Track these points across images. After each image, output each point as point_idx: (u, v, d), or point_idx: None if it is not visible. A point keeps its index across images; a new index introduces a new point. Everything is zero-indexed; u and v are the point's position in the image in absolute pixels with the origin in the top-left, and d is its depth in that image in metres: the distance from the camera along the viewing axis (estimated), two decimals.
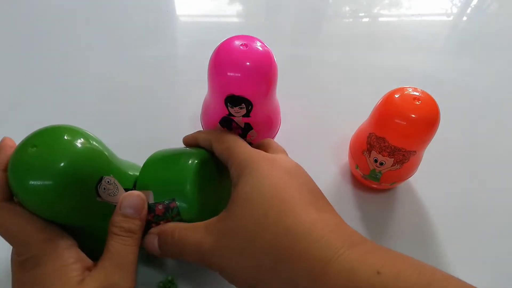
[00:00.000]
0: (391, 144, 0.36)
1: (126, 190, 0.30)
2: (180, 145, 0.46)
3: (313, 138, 0.47)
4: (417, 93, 0.35)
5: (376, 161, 0.38)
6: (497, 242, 0.40)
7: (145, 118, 0.48)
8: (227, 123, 0.38)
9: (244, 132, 0.39)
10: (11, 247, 0.27)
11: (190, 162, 0.30)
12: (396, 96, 0.35)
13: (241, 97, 0.34)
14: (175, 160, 0.32)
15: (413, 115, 0.34)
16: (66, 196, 0.26)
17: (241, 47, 0.34)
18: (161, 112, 0.49)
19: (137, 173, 0.32)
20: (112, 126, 0.48)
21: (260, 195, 0.25)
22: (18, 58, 0.55)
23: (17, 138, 0.28)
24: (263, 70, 0.34)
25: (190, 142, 0.35)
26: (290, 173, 0.27)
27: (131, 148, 0.45)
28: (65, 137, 0.27)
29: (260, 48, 0.34)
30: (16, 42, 0.56)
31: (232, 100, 0.35)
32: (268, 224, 0.24)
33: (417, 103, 0.34)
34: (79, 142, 0.27)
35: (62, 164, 0.25)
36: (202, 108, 0.42)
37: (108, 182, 0.28)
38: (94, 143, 0.28)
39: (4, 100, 0.49)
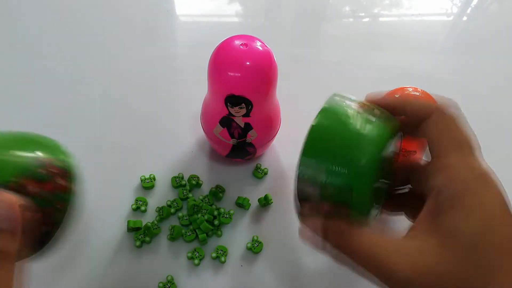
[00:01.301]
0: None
1: (4, 185, 0.22)
2: (178, 144, 0.46)
3: None
4: (417, 93, 0.35)
5: None
6: None
7: (145, 118, 0.48)
8: (227, 123, 0.38)
9: (244, 132, 0.38)
10: None
11: (380, 140, 0.23)
12: (396, 96, 0.35)
13: (241, 97, 0.34)
14: (360, 134, 0.23)
15: None
16: None
17: (241, 47, 0.34)
18: (161, 112, 0.49)
19: (27, 149, 0.24)
20: (112, 125, 0.48)
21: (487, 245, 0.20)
22: (18, 58, 0.54)
23: None
24: (263, 70, 0.34)
25: (380, 102, 0.26)
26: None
27: (131, 148, 0.45)
28: None
29: (260, 48, 0.34)
30: (17, 42, 0.56)
31: (232, 100, 0.35)
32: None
33: None
34: None
35: None
36: (202, 108, 0.41)
37: None
38: None
39: (5, 100, 0.49)
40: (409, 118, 0.25)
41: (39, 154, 0.24)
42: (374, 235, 0.23)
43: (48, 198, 0.23)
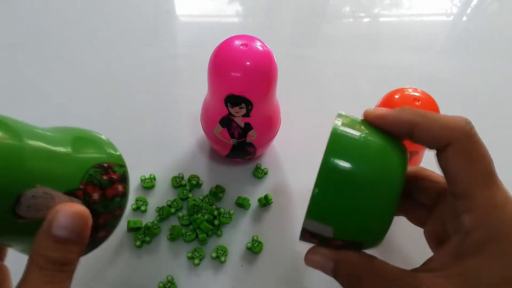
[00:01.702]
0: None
1: (70, 192, 0.21)
2: (178, 144, 0.46)
3: (313, 138, 0.47)
4: (417, 94, 0.35)
5: None
6: None
7: (145, 118, 0.48)
8: (227, 123, 0.38)
9: (244, 132, 0.39)
10: None
11: (395, 191, 0.21)
12: (396, 96, 0.35)
13: (241, 97, 0.34)
14: (374, 184, 0.21)
15: None
16: None
17: (241, 47, 0.34)
18: (161, 112, 0.49)
19: (89, 151, 0.23)
20: (111, 125, 0.48)
21: None
22: (19, 58, 0.54)
23: None
24: (263, 70, 0.34)
25: (381, 122, 0.23)
26: None
27: (131, 148, 0.45)
28: None
29: (260, 48, 0.34)
30: (18, 42, 0.56)
31: (232, 100, 0.35)
32: None
33: (417, 103, 0.34)
34: None
35: None
36: (202, 108, 0.41)
37: (34, 196, 0.19)
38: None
39: (7, 98, 0.49)
40: (423, 144, 0.22)
41: (101, 157, 0.23)
42: (390, 267, 0.22)
43: (107, 205, 0.23)
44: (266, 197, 0.41)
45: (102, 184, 0.23)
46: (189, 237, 0.38)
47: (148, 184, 0.42)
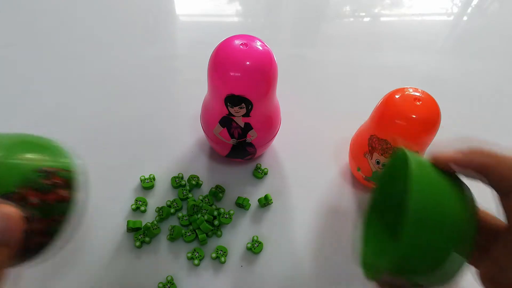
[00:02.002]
0: (393, 145, 0.35)
1: (5, 196, 0.21)
2: (178, 144, 0.46)
3: (313, 138, 0.47)
4: (417, 94, 0.35)
5: (378, 162, 0.38)
6: None
7: (145, 118, 0.48)
8: (227, 123, 0.38)
9: (244, 132, 0.38)
10: None
11: (473, 233, 0.21)
12: (397, 96, 0.35)
13: (241, 96, 0.34)
14: (455, 229, 0.21)
15: (414, 116, 0.33)
16: None
17: (241, 47, 0.34)
18: (161, 112, 0.49)
19: (30, 156, 0.23)
20: (111, 125, 0.47)
21: None
22: (19, 58, 0.54)
23: None
24: (263, 70, 0.34)
25: (454, 165, 0.23)
26: None
27: (131, 148, 0.45)
28: None
29: (260, 48, 0.34)
30: (17, 42, 0.56)
31: (232, 100, 0.35)
32: None
33: (418, 103, 0.34)
34: None
35: None
36: (202, 108, 0.41)
37: None
38: None
39: (6, 99, 0.49)
40: (492, 187, 0.22)
41: (44, 162, 0.23)
42: None
43: (48, 210, 0.23)
44: (266, 197, 0.41)
45: (41, 188, 0.22)
46: (189, 238, 0.38)
47: (147, 184, 0.42)
